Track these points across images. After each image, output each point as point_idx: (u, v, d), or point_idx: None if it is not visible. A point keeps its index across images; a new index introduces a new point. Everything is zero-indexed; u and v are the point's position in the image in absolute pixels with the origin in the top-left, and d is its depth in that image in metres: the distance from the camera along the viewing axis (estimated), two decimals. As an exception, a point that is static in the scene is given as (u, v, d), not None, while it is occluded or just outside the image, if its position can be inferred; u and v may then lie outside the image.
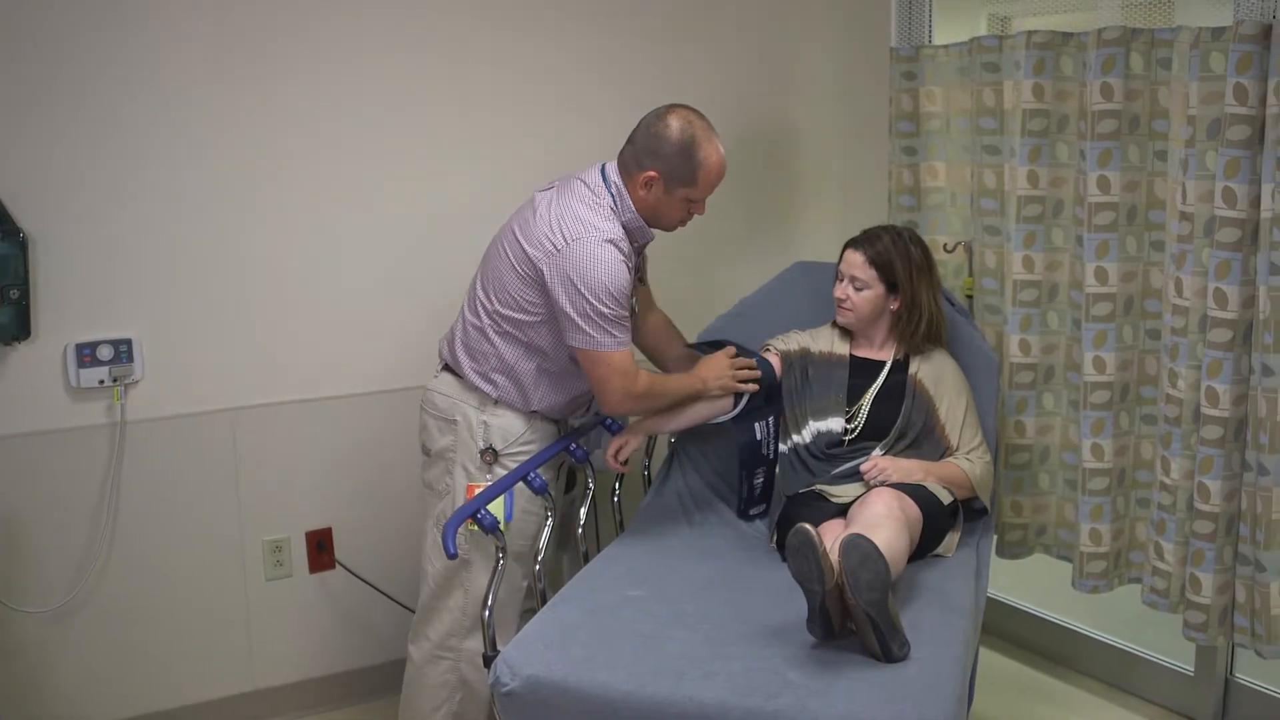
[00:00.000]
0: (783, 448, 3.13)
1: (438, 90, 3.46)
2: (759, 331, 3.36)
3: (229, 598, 3.41)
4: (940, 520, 2.88)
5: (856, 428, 3.05)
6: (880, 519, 2.62)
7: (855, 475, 2.96)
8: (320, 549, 3.50)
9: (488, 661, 2.55)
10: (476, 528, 2.71)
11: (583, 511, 3.16)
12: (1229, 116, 2.74)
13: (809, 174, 4.09)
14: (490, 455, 2.95)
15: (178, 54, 3.14)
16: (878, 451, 3.00)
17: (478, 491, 2.83)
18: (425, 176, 3.47)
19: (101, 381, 3.15)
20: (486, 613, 2.67)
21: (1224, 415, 2.86)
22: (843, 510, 2.86)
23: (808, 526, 2.36)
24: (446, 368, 3.04)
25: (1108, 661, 3.61)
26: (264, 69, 3.24)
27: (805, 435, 3.08)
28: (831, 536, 2.57)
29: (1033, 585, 3.83)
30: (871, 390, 3.09)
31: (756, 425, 3.14)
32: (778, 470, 3.13)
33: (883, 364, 3.12)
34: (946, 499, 2.91)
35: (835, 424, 3.06)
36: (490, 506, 2.78)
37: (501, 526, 2.82)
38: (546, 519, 2.94)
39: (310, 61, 3.29)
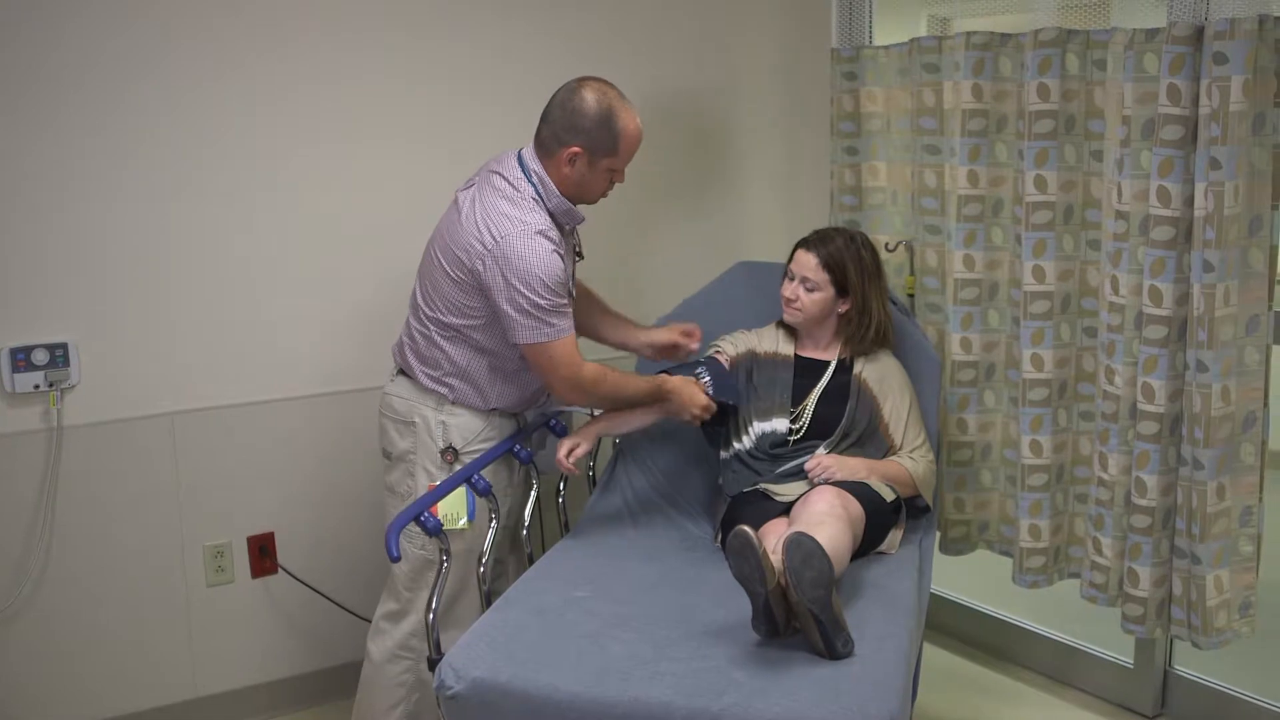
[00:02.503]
0: (726, 453, 3.14)
1: (378, 91, 3.44)
2: (703, 330, 3.37)
3: (170, 604, 3.37)
4: (883, 517, 2.90)
5: (801, 428, 3.07)
6: (823, 517, 2.64)
7: (799, 474, 2.98)
8: (262, 554, 3.46)
9: (432, 665, 2.54)
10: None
11: (528, 513, 3.16)
12: (1163, 116, 2.78)
13: (751, 174, 4.10)
14: (451, 455, 2.94)
15: (111, 51, 3.10)
16: (822, 450, 3.01)
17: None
18: (367, 177, 3.45)
19: (37, 386, 3.10)
20: (431, 616, 2.66)
21: (1160, 411, 2.90)
22: (787, 509, 2.87)
23: (746, 529, 2.36)
24: (402, 372, 3.03)
25: (1049, 655, 3.65)
26: (203, 66, 3.21)
27: (749, 439, 3.09)
28: (775, 535, 2.59)
29: (976, 581, 3.87)
30: (816, 390, 3.10)
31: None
32: (721, 470, 3.14)
33: (827, 364, 3.14)
34: (889, 496, 2.93)
35: (780, 424, 3.07)
36: (450, 508, 2.77)
37: (465, 525, 2.81)
38: (490, 521, 2.94)
39: (251, 58, 3.26)
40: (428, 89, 3.52)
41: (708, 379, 3.12)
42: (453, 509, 2.80)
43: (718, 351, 3.21)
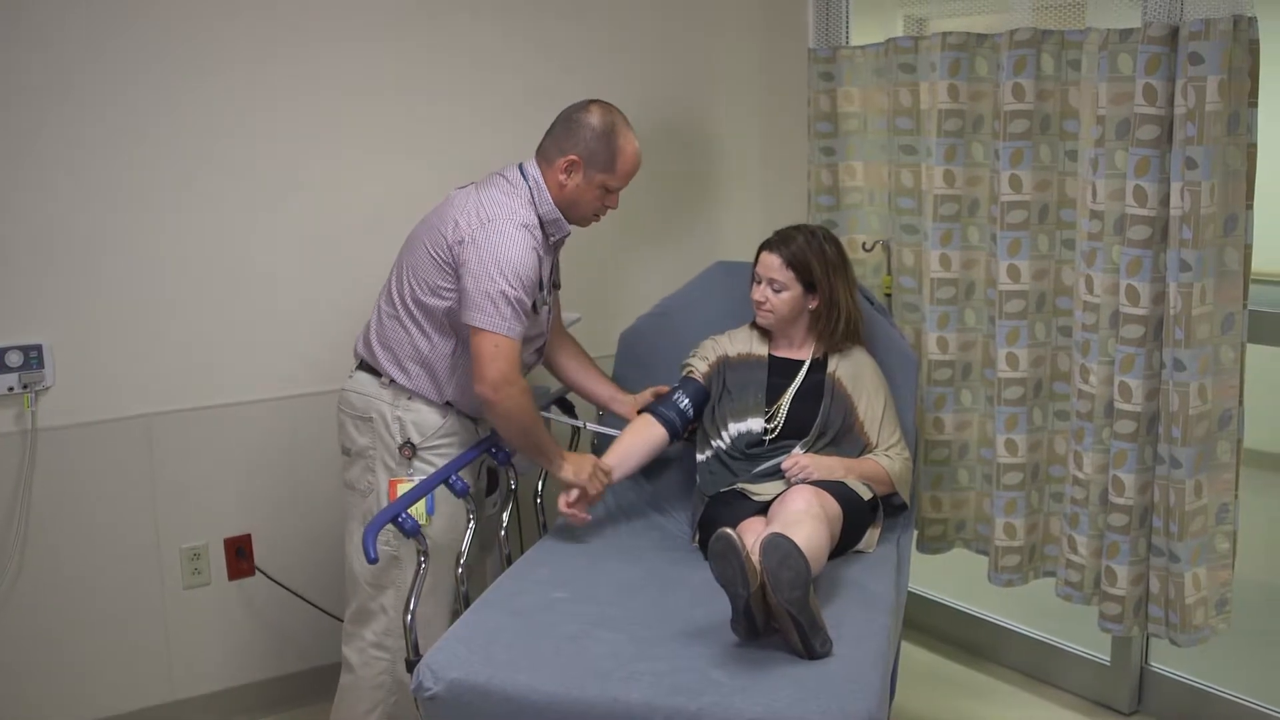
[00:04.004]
0: (703, 454, 3.14)
1: (356, 93, 3.43)
2: (680, 330, 3.38)
3: (146, 607, 3.36)
4: (860, 517, 2.91)
5: (776, 427, 3.07)
6: (800, 516, 2.64)
7: (776, 473, 2.98)
8: (239, 556, 3.45)
9: (410, 666, 2.53)
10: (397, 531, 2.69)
11: (505, 513, 3.15)
12: (1138, 116, 2.79)
13: (729, 174, 4.11)
14: (409, 450, 2.94)
15: (93, 51, 3.09)
16: (798, 450, 3.02)
17: (400, 487, 2.82)
18: (344, 179, 3.44)
19: (11, 389, 3.08)
20: (409, 617, 2.65)
21: (1136, 410, 2.92)
22: (763, 508, 2.87)
23: (730, 531, 2.36)
24: (362, 366, 3.02)
25: (1027, 653, 3.67)
26: (188, 72, 3.20)
27: (725, 439, 3.09)
28: (752, 534, 2.59)
29: (954, 579, 3.88)
30: (790, 390, 3.10)
31: None
32: (698, 471, 3.14)
33: (801, 363, 3.14)
34: (866, 495, 2.94)
35: (755, 424, 3.07)
36: (411, 509, 2.76)
37: (425, 522, 2.81)
38: (468, 522, 2.93)
39: (228, 61, 3.25)
40: (409, 95, 3.51)
41: (687, 402, 3.15)
42: (414, 513, 2.80)
43: (691, 371, 3.21)
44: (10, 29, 2.99)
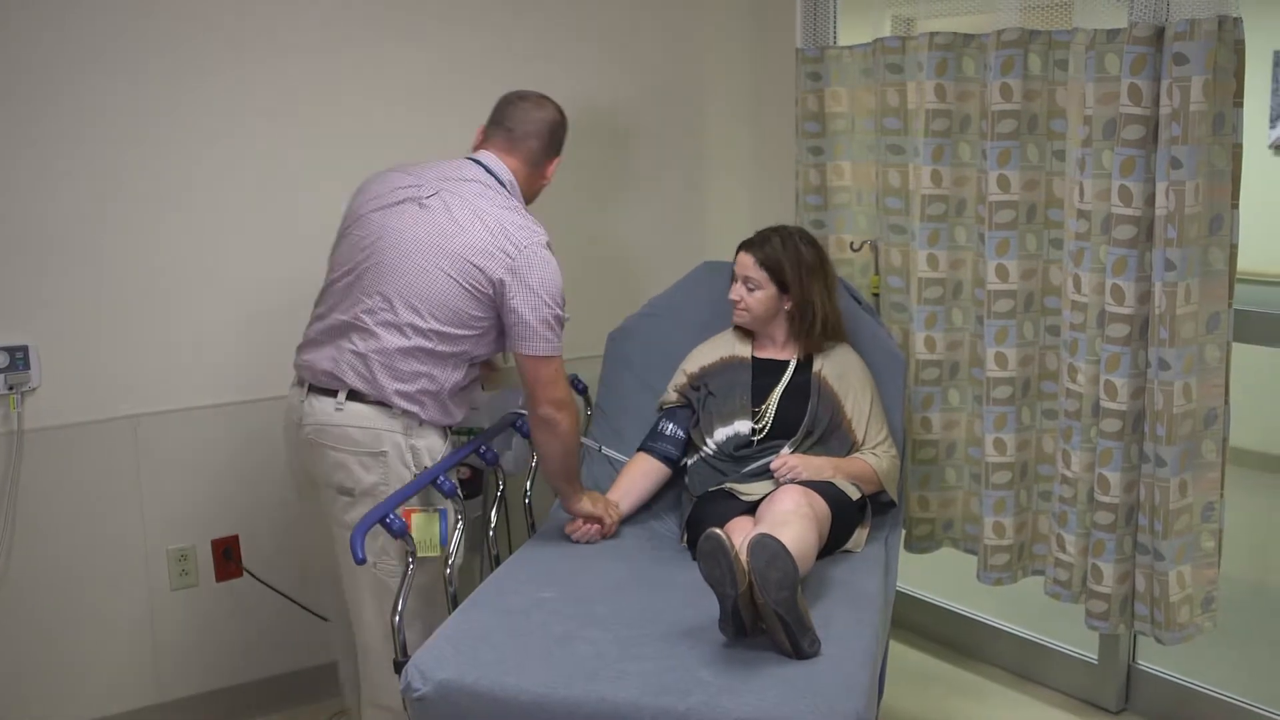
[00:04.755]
0: (689, 460, 3.14)
1: (351, 97, 3.43)
2: (668, 330, 3.38)
3: (134, 608, 3.35)
4: (849, 517, 2.91)
5: (764, 428, 3.07)
6: (788, 516, 2.64)
7: (765, 473, 2.98)
8: (227, 557, 3.44)
9: (398, 667, 2.53)
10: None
11: (493, 514, 3.15)
12: (1124, 116, 2.80)
13: (716, 174, 4.11)
14: None
15: (79, 49, 3.08)
16: (786, 449, 3.02)
17: (415, 517, 2.76)
18: (336, 182, 3.42)
19: (-3, 390, 3.08)
20: (397, 618, 2.64)
21: (1122, 409, 2.93)
22: (751, 508, 2.87)
23: (718, 531, 2.37)
24: (353, 397, 2.80)
25: (1014, 652, 3.68)
26: (167, 66, 3.19)
27: (710, 445, 3.10)
28: (740, 534, 2.59)
29: (941, 579, 3.88)
30: (777, 390, 3.11)
31: None
32: (686, 473, 3.15)
33: (786, 363, 3.15)
34: (855, 495, 2.94)
35: (743, 426, 3.08)
36: (424, 534, 2.74)
37: (437, 553, 2.79)
38: (457, 522, 2.92)
39: (213, 60, 3.24)
40: (407, 99, 3.52)
41: (673, 427, 3.19)
42: (426, 535, 2.77)
43: (673, 404, 3.24)
44: (2, 29, 3.00)
